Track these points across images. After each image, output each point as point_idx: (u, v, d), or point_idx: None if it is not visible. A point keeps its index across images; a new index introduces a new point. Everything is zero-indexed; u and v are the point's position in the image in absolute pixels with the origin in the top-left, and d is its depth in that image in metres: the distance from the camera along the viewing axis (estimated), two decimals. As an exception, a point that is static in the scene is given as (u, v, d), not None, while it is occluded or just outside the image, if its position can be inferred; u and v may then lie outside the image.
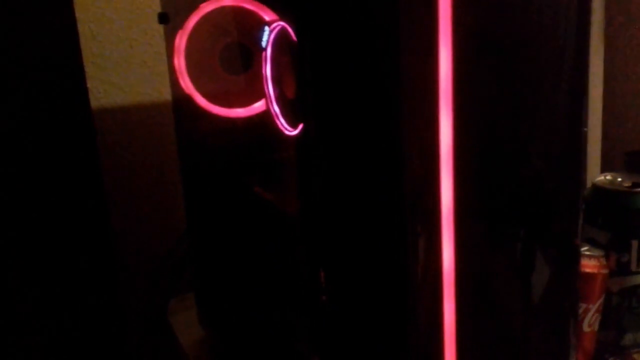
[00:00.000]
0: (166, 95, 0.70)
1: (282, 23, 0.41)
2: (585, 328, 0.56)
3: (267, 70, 0.42)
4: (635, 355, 0.60)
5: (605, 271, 0.55)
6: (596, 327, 0.57)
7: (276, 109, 0.42)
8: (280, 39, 0.41)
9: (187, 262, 0.77)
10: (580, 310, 0.55)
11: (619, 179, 0.60)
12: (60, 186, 0.70)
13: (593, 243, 0.58)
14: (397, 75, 0.33)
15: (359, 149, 0.36)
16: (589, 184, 0.60)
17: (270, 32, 0.42)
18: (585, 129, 0.39)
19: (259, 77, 0.43)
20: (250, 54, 0.48)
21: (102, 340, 0.76)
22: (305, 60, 0.37)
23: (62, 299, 0.73)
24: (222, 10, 0.52)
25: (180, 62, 0.55)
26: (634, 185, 0.59)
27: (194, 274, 0.74)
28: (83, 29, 0.79)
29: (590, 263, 0.55)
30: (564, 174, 0.39)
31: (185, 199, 0.71)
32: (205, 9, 0.51)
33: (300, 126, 0.39)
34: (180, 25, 0.54)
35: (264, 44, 0.42)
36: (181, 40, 0.55)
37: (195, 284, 0.74)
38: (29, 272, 0.72)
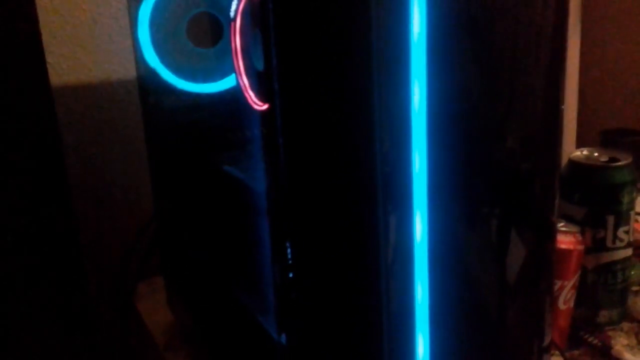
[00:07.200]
0: (132, 71, 0.67)
1: (251, -9, 0.39)
2: (561, 305, 0.55)
3: (237, 41, 0.41)
4: (610, 333, 0.60)
5: (580, 247, 0.55)
6: (571, 304, 0.56)
7: (245, 82, 0.40)
8: (250, 9, 0.39)
9: (155, 245, 0.76)
10: (556, 288, 0.54)
11: (595, 154, 0.60)
12: (20, 168, 0.67)
13: (568, 219, 0.58)
14: (368, 46, 0.31)
15: (328, 124, 0.35)
16: (564, 161, 0.60)
17: (239, 1, 0.40)
18: (562, 107, 0.39)
19: (228, 50, 0.41)
20: (219, 25, 0.47)
21: (69, 325, 0.74)
22: (270, 28, 0.35)
23: (27, 285, 0.71)
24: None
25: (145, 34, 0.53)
26: (611, 160, 0.58)
27: (162, 256, 0.72)
28: (42, 1, 0.76)
29: (566, 239, 0.54)
30: (541, 151, 0.39)
31: (152, 179, 0.69)
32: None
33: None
34: (144, -5, 0.52)
35: (232, 14, 0.40)
36: (146, 12, 0.53)
37: (163, 266, 0.72)
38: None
